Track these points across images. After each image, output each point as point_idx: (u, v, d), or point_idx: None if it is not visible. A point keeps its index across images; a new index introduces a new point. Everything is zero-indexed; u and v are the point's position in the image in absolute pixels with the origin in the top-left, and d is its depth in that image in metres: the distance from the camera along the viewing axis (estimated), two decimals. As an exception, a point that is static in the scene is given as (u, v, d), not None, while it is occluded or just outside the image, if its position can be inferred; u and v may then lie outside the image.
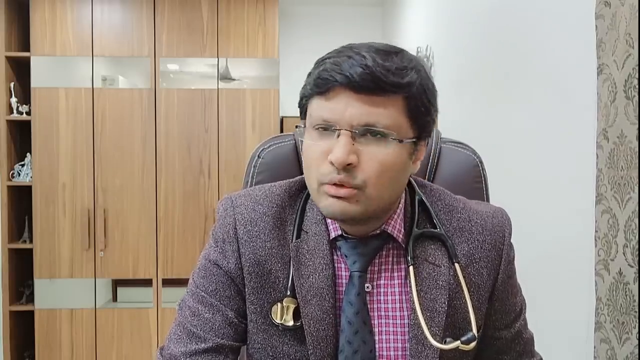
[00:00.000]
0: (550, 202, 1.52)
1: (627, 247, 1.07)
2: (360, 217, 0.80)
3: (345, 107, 0.76)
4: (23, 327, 3.41)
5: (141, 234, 3.36)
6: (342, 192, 0.77)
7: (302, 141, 0.84)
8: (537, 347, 0.96)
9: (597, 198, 1.18)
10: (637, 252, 1.04)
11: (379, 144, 0.77)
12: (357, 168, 0.76)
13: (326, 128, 0.78)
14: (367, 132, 0.77)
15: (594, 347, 1.18)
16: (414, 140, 0.80)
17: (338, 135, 0.76)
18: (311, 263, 0.84)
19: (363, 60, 0.75)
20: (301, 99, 0.83)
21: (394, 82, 0.75)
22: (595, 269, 1.19)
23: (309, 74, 0.81)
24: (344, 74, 0.75)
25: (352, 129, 0.76)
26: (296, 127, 0.85)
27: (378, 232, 0.85)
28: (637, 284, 1.04)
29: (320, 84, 0.77)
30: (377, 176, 0.77)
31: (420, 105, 0.79)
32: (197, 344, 0.83)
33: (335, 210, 0.79)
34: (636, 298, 1.05)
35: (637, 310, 1.04)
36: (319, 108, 0.78)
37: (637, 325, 1.04)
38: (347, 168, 0.76)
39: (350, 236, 0.85)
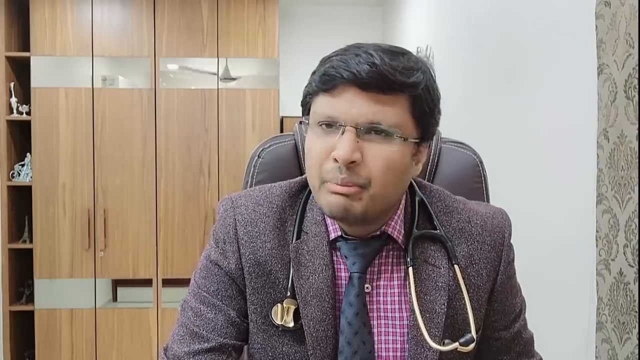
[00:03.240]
0: (551, 202, 1.52)
1: (627, 247, 1.07)
2: (361, 217, 0.79)
3: (350, 105, 0.76)
4: (23, 327, 3.41)
5: (141, 234, 3.36)
6: (345, 189, 0.77)
7: (304, 137, 0.84)
8: (538, 347, 0.96)
9: (598, 198, 1.17)
10: (638, 252, 1.04)
11: (383, 142, 0.77)
12: (361, 166, 0.76)
13: (330, 125, 0.78)
14: (371, 129, 0.76)
15: (596, 347, 1.18)
16: (417, 140, 0.80)
17: (342, 132, 0.76)
18: (311, 264, 0.83)
19: (370, 58, 0.74)
20: (305, 96, 0.83)
21: (401, 81, 0.75)
22: (596, 269, 1.19)
23: (314, 72, 0.81)
24: (351, 71, 0.74)
25: (357, 126, 0.76)
26: (300, 122, 0.84)
27: (378, 233, 0.85)
28: (637, 284, 1.04)
29: (326, 80, 0.77)
30: (382, 174, 0.77)
31: (425, 105, 0.79)
32: (200, 344, 0.83)
33: (338, 208, 0.78)
34: (636, 298, 1.04)
35: (637, 310, 1.04)
36: (324, 105, 0.78)
37: (637, 325, 1.04)
38: (351, 166, 0.76)
39: (350, 237, 0.85)
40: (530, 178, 1.65)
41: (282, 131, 3.65)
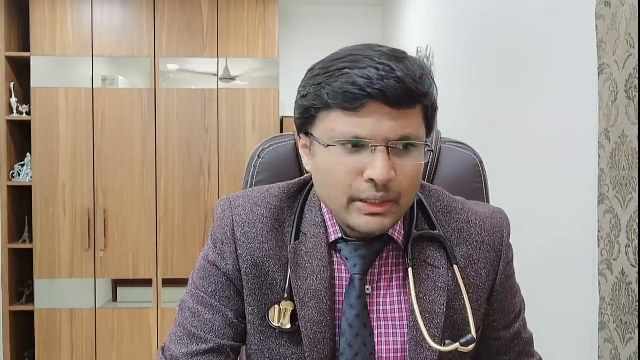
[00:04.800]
0: (552, 202, 1.52)
1: (629, 247, 1.07)
2: (392, 227, 0.81)
3: (379, 123, 0.73)
4: (23, 327, 3.41)
5: (141, 234, 3.35)
6: (380, 209, 0.77)
7: (300, 147, 0.83)
8: (540, 347, 0.95)
9: (599, 198, 1.17)
10: (639, 252, 1.04)
11: (410, 155, 0.76)
12: (394, 182, 0.75)
13: (356, 144, 0.75)
14: (400, 145, 0.75)
15: (598, 347, 1.18)
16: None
17: (373, 151, 0.74)
18: (309, 265, 0.83)
19: (393, 72, 0.72)
20: (308, 108, 0.78)
21: (423, 93, 0.75)
22: (598, 269, 1.18)
23: (320, 83, 0.76)
24: (378, 89, 0.71)
25: (388, 144, 0.74)
26: (314, 142, 0.79)
27: (378, 234, 0.84)
28: (639, 284, 1.04)
29: (350, 99, 0.73)
30: (411, 187, 0.78)
31: (433, 108, 0.79)
32: (198, 345, 0.83)
33: (374, 228, 0.78)
34: (639, 298, 1.04)
35: (639, 310, 1.04)
36: (347, 123, 0.74)
37: (639, 325, 1.04)
38: (387, 184, 0.75)
39: (350, 239, 0.84)
40: (531, 178, 1.65)
41: (282, 131, 3.65)
